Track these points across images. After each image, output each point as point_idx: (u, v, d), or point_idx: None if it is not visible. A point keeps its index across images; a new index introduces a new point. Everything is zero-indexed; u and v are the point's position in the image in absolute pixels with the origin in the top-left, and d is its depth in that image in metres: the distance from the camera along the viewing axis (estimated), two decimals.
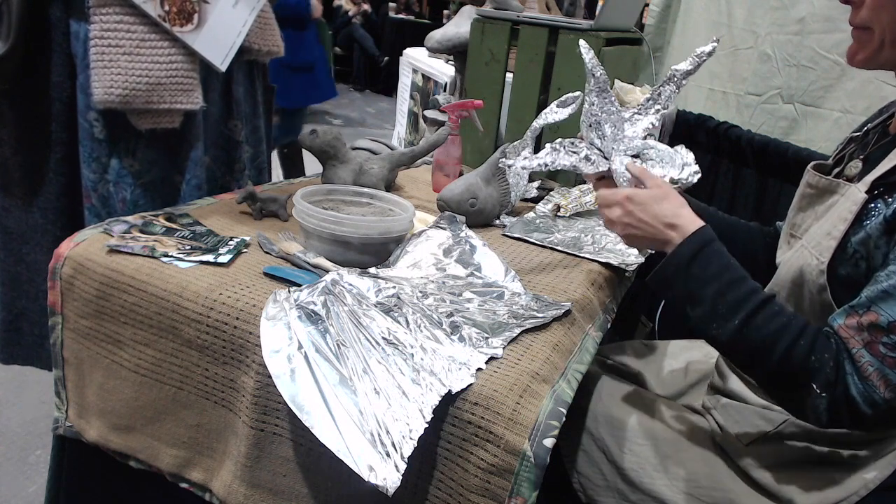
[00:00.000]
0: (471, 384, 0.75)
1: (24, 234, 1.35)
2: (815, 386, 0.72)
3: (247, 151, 1.50)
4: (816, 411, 0.74)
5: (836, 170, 0.91)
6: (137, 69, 1.19)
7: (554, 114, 1.42)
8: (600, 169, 0.98)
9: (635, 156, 0.99)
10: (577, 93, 1.41)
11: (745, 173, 1.83)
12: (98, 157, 1.28)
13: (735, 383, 0.98)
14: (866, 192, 0.79)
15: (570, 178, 1.64)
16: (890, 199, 0.76)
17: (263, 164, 1.58)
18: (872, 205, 0.78)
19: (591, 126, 0.98)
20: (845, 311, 0.75)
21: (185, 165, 1.35)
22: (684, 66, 0.98)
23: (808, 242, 0.86)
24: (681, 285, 0.82)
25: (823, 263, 0.81)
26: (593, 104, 0.97)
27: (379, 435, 0.71)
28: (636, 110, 1.01)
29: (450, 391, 0.74)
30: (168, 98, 1.23)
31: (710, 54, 0.97)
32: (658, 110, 1.00)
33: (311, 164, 1.26)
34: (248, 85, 1.47)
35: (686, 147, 1.04)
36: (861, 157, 0.87)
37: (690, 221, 0.84)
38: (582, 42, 0.98)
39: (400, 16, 7.77)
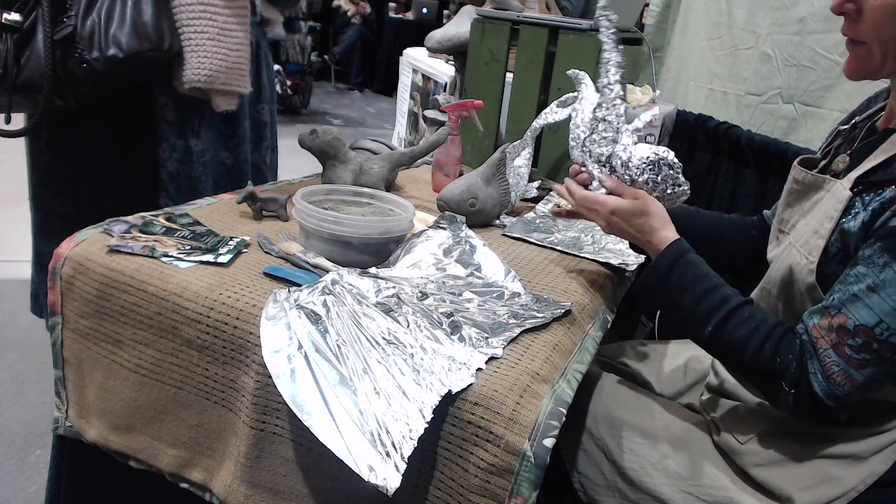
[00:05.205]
0: (471, 384, 0.75)
1: None
2: (783, 384, 0.78)
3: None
4: (787, 405, 0.79)
5: (823, 163, 0.92)
6: (220, 53, 1.34)
7: (554, 114, 1.42)
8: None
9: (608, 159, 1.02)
10: (578, 93, 1.41)
11: (745, 173, 1.83)
12: (167, 136, 1.42)
13: (731, 383, 0.98)
14: (849, 189, 0.79)
15: None
16: (867, 198, 0.77)
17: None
18: (851, 203, 0.80)
19: (583, 149, 1.02)
20: (820, 312, 0.78)
21: (232, 143, 1.53)
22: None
23: (795, 240, 0.87)
24: (662, 294, 0.90)
25: (813, 263, 0.82)
26: (596, 129, 1.00)
27: (379, 435, 0.71)
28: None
29: (450, 391, 0.74)
30: (233, 81, 1.39)
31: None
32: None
33: (312, 164, 1.26)
34: (269, 71, 1.64)
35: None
36: (848, 151, 0.88)
37: (665, 237, 0.92)
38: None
39: (400, 16, 7.76)
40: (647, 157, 0.95)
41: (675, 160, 0.95)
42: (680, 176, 0.96)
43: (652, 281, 0.90)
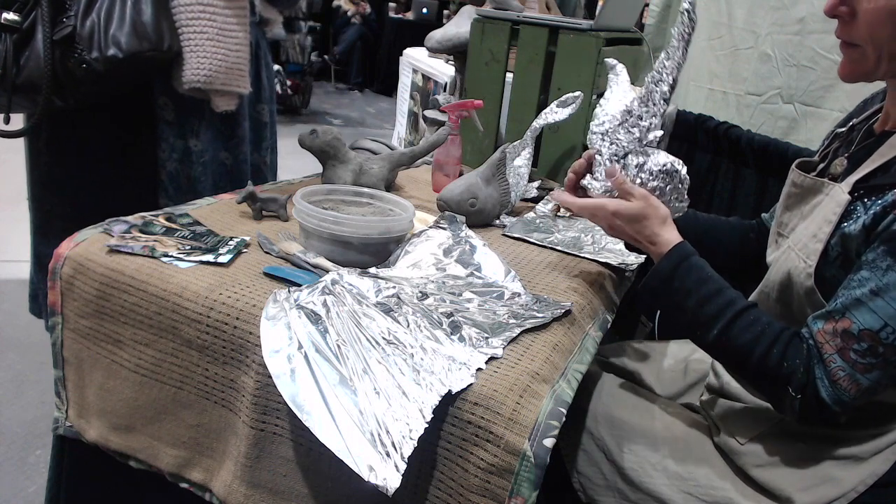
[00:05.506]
0: (471, 384, 0.75)
1: None
2: (789, 388, 0.77)
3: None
4: (793, 410, 0.78)
5: (822, 166, 0.91)
6: (219, 54, 1.35)
7: (554, 114, 1.42)
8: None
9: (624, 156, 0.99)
10: (578, 93, 1.41)
11: (745, 173, 1.83)
12: (167, 137, 1.43)
13: (731, 383, 0.98)
14: (849, 193, 0.79)
15: None
16: (868, 202, 0.77)
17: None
18: (852, 207, 0.79)
19: (605, 134, 0.99)
20: (823, 317, 0.78)
21: (232, 144, 1.54)
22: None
23: (794, 244, 0.86)
24: (665, 297, 0.88)
25: (811, 267, 0.81)
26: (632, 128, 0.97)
27: (379, 435, 0.71)
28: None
29: (450, 391, 0.74)
30: (233, 81, 1.40)
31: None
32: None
33: (312, 164, 1.26)
34: (268, 71, 1.64)
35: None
36: (846, 154, 0.88)
37: (667, 240, 0.90)
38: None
39: (400, 16, 7.76)
40: (665, 166, 0.93)
41: (687, 176, 0.95)
42: (685, 192, 0.96)
43: (655, 284, 0.89)
